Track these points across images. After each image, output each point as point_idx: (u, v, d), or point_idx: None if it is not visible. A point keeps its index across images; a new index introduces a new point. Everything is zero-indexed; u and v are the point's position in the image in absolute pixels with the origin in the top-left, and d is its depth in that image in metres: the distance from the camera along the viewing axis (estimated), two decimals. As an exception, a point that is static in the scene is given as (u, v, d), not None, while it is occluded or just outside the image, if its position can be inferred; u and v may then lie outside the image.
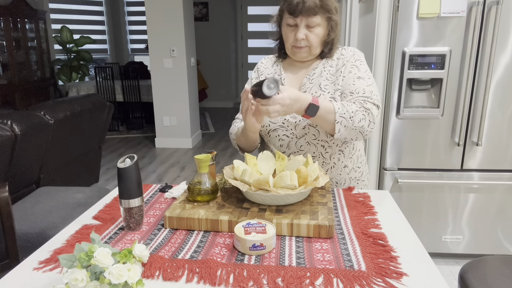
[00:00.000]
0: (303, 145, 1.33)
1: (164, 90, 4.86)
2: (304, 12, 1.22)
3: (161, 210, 1.16)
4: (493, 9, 1.96)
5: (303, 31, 1.25)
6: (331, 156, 1.34)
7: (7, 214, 1.51)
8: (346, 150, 1.36)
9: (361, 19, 2.55)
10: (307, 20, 1.24)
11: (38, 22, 5.66)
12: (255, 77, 1.45)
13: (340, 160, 1.36)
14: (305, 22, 1.24)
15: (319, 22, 1.24)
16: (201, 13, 7.75)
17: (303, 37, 1.26)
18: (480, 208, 2.25)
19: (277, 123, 1.33)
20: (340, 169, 1.38)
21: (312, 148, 1.33)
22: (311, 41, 1.27)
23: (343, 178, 1.39)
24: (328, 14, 1.25)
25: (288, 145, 1.34)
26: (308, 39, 1.26)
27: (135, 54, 8.15)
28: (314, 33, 1.26)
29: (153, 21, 4.63)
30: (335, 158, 1.35)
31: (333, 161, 1.35)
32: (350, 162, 1.39)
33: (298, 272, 0.81)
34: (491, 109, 2.11)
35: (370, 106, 1.20)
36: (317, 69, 1.34)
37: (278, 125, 1.33)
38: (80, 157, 3.00)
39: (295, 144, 1.33)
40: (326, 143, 1.32)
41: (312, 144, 1.32)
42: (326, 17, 1.25)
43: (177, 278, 0.81)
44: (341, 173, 1.39)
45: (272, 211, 1.04)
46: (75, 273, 0.70)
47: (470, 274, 1.26)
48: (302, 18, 1.24)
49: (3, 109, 4.75)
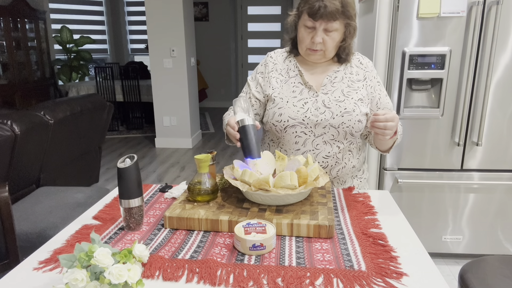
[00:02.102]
0: (320, 144, 1.32)
1: (164, 90, 4.86)
2: (324, 17, 1.21)
3: (161, 210, 1.16)
4: (493, 9, 1.96)
5: (321, 34, 1.25)
6: (343, 156, 1.36)
7: (7, 214, 1.51)
8: (354, 150, 1.38)
9: (361, 19, 2.55)
10: (326, 25, 1.23)
11: (38, 22, 5.66)
12: (261, 72, 1.41)
13: (350, 160, 1.38)
14: (324, 26, 1.24)
15: (338, 27, 1.24)
16: (201, 13, 7.75)
17: (321, 41, 1.25)
18: (480, 208, 2.25)
19: (297, 119, 1.31)
20: (349, 169, 1.39)
21: (328, 148, 1.33)
22: (327, 45, 1.27)
23: (349, 177, 1.42)
24: (347, 20, 1.25)
25: (304, 143, 1.33)
26: (325, 43, 1.26)
27: (135, 54, 8.15)
28: (331, 37, 1.26)
29: (153, 21, 4.63)
30: (346, 158, 1.37)
31: (344, 161, 1.37)
32: (357, 162, 1.42)
33: (298, 272, 0.81)
34: (491, 109, 2.11)
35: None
36: (338, 73, 1.34)
37: (297, 121, 1.31)
38: (80, 157, 3.00)
39: (311, 143, 1.32)
40: (342, 144, 1.33)
41: (328, 144, 1.32)
42: (345, 23, 1.25)
43: (177, 278, 0.81)
44: (349, 173, 1.40)
45: (272, 211, 1.04)
46: (75, 273, 0.70)
47: (470, 274, 1.26)
48: (321, 22, 1.23)
49: (3, 109, 4.75)
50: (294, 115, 1.31)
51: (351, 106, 1.29)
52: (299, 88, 1.33)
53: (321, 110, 1.30)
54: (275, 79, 1.37)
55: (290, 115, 1.31)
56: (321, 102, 1.30)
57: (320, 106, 1.30)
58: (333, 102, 1.30)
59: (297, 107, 1.31)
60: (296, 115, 1.30)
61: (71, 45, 6.45)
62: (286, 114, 1.31)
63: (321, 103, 1.30)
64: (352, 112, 1.29)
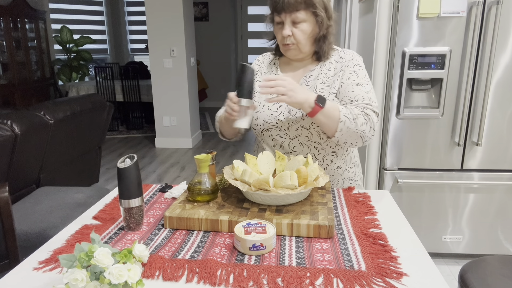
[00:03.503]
0: (296, 146, 1.33)
1: (164, 90, 4.86)
2: (286, 9, 1.20)
3: (161, 210, 1.16)
4: (493, 9, 1.96)
5: (288, 28, 1.23)
6: (324, 158, 1.34)
7: (7, 214, 1.51)
8: (339, 151, 1.36)
9: (361, 19, 2.55)
10: (291, 16, 1.21)
11: (38, 22, 5.66)
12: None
13: (333, 161, 1.36)
14: (290, 18, 1.22)
15: (305, 18, 1.22)
16: (201, 13, 7.75)
17: (289, 34, 1.23)
18: (480, 208, 2.25)
19: (271, 122, 1.33)
20: (333, 171, 1.38)
21: (305, 149, 1.33)
22: (297, 38, 1.24)
23: (336, 179, 1.39)
24: (312, 9, 1.21)
25: (281, 145, 1.35)
26: (295, 36, 1.24)
27: (135, 54, 8.15)
28: (300, 29, 1.23)
29: (153, 21, 4.63)
30: (328, 160, 1.35)
31: (326, 163, 1.35)
32: (343, 163, 1.39)
33: (298, 272, 0.81)
34: (491, 109, 2.11)
35: (370, 113, 1.21)
36: (314, 71, 1.32)
37: (271, 124, 1.33)
38: (80, 157, 3.00)
39: (288, 145, 1.34)
40: (319, 145, 1.32)
41: (305, 145, 1.32)
42: (311, 12, 1.22)
43: (177, 278, 0.81)
44: (334, 174, 1.39)
45: (272, 211, 1.04)
46: (75, 273, 0.70)
47: (470, 274, 1.26)
48: (286, 15, 1.22)
49: (3, 109, 4.75)
50: (268, 119, 1.33)
51: None
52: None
53: (293, 112, 1.29)
54: (258, 82, 1.38)
55: (264, 118, 1.33)
56: None
57: (293, 108, 1.29)
58: None
59: (271, 110, 1.33)
60: (270, 118, 1.33)
61: (71, 45, 6.45)
62: (261, 118, 1.34)
63: None
64: None
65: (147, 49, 7.44)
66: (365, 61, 2.37)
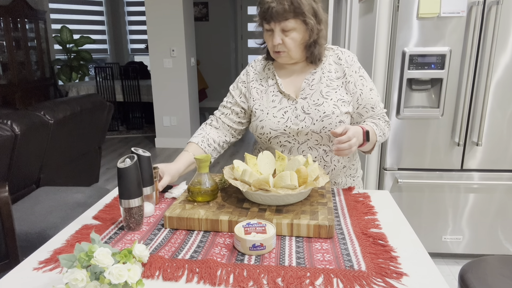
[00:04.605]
0: (305, 150, 1.32)
1: (164, 90, 4.86)
2: (275, 18, 1.19)
3: (161, 210, 1.16)
4: (493, 9, 1.96)
5: (278, 36, 1.22)
6: (331, 159, 1.35)
7: (7, 214, 1.51)
8: None
9: (361, 19, 2.55)
10: (280, 25, 1.20)
11: (38, 22, 5.66)
12: (243, 81, 1.40)
13: (340, 161, 1.37)
14: (279, 27, 1.21)
15: (294, 26, 1.20)
16: (201, 13, 7.75)
17: (280, 42, 1.22)
18: (480, 208, 2.25)
19: (278, 130, 1.30)
20: (339, 170, 1.38)
21: (314, 153, 1.33)
22: (288, 46, 1.23)
23: (340, 177, 1.41)
24: (301, 17, 1.20)
25: (290, 150, 1.34)
26: (285, 44, 1.23)
27: (135, 54, 8.15)
28: (290, 37, 1.22)
29: (153, 21, 4.63)
30: (335, 161, 1.35)
31: (333, 164, 1.36)
32: (348, 161, 1.40)
33: (298, 272, 0.81)
34: (491, 109, 2.11)
35: (387, 118, 1.38)
36: (316, 75, 1.31)
37: (279, 132, 1.30)
38: (80, 157, 3.00)
39: (297, 149, 1.33)
40: (328, 147, 1.32)
41: (314, 149, 1.32)
42: (301, 20, 1.21)
43: (177, 278, 0.81)
44: (340, 174, 1.40)
45: (272, 211, 1.04)
46: (75, 273, 0.70)
47: (470, 274, 1.26)
48: (275, 24, 1.21)
49: (3, 109, 4.75)
50: (275, 127, 1.30)
51: (330, 108, 1.26)
52: (278, 97, 1.32)
53: (301, 117, 1.28)
54: (255, 89, 1.36)
55: (271, 126, 1.31)
56: (300, 109, 1.28)
57: (300, 113, 1.28)
58: (312, 107, 1.27)
59: (277, 117, 1.30)
60: (277, 126, 1.30)
61: (71, 45, 6.45)
62: (268, 127, 1.31)
63: (301, 110, 1.28)
64: (331, 114, 1.26)
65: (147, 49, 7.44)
66: (365, 61, 2.38)
